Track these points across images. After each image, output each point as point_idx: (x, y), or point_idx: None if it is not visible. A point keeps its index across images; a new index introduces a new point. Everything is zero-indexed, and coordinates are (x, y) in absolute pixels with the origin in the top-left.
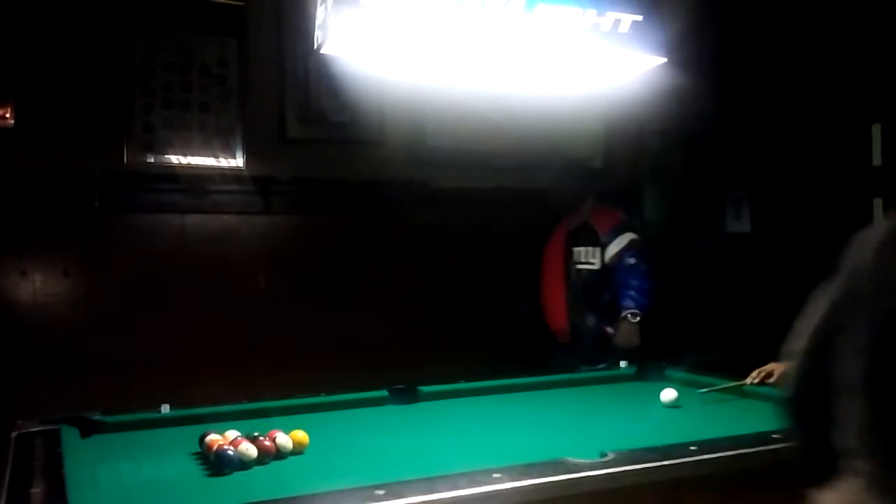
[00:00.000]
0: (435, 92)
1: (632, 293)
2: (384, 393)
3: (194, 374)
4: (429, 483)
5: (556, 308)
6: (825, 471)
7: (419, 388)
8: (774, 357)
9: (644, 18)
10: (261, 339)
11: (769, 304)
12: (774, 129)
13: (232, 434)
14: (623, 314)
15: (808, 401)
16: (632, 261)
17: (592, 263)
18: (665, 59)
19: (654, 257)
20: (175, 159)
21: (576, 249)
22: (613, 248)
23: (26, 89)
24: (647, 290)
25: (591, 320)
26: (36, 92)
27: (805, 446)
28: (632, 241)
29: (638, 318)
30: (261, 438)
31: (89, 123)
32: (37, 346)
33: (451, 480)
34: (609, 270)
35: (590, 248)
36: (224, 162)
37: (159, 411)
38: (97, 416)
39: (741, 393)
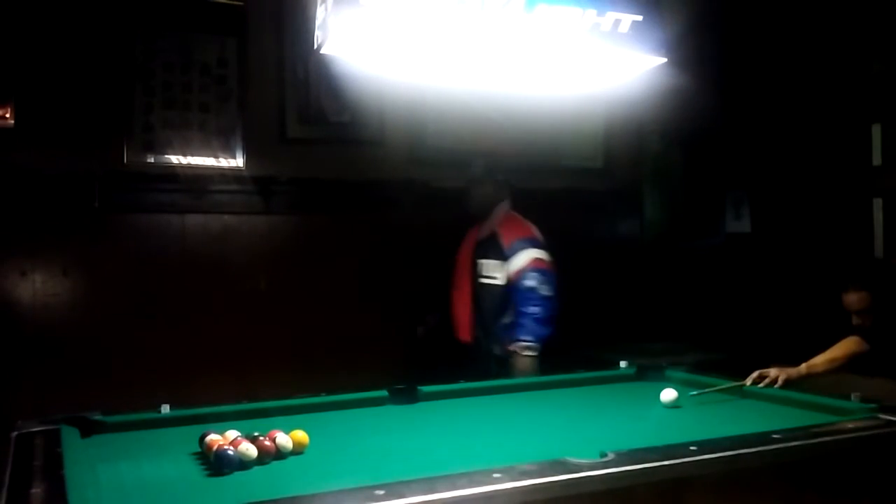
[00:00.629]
0: (435, 92)
1: (526, 322)
2: (384, 393)
3: (194, 374)
4: (429, 483)
5: (462, 321)
6: None
7: (419, 388)
8: (775, 358)
9: (644, 18)
10: (261, 339)
11: (769, 304)
12: (774, 129)
13: (232, 434)
14: (515, 347)
15: None
16: (530, 283)
17: (495, 278)
18: (665, 59)
19: (560, 280)
20: (175, 159)
21: (479, 261)
22: (514, 265)
23: (26, 89)
24: (545, 318)
25: (494, 339)
26: (36, 92)
27: None
28: (534, 261)
29: (532, 353)
30: (261, 438)
31: (89, 123)
32: (37, 346)
33: (451, 480)
34: (511, 289)
35: (493, 262)
36: (224, 162)
37: (159, 411)
38: (97, 416)
39: (741, 393)
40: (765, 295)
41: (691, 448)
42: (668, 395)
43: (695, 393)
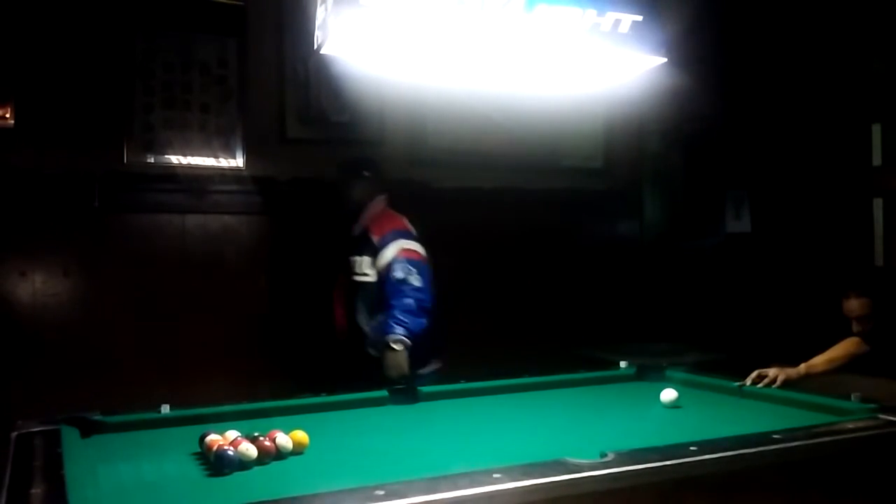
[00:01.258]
0: (435, 92)
1: (397, 315)
2: (384, 393)
3: (194, 374)
4: (429, 483)
5: (340, 322)
6: None
7: (419, 388)
8: (775, 358)
9: (644, 18)
10: (261, 339)
11: (769, 304)
12: (774, 129)
13: (232, 434)
14: (386, 340)
15: None
16: (399, 274)
17: (368, 275)
18: (665, 59)
19: (433, 270)
20: (175, 159)
21: (353, 259)
22: (384, 258)
23: (26, 89)
24: (417, 309)
25: (369, 340)
26: (36, 92)
27: None
28: (404, 251)
29: (402, 346)
30: (261, 438)
31: (89, 123)
32: (37, 346)
33: (452, 480)
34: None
35: (366, 258)
36: (224, 162)
37: (159, 411)
38: (97, 416)
39: (741, 393)
40: (765, 295)
41: (691, 448)
42: (668, 395)
43: (740, 384)
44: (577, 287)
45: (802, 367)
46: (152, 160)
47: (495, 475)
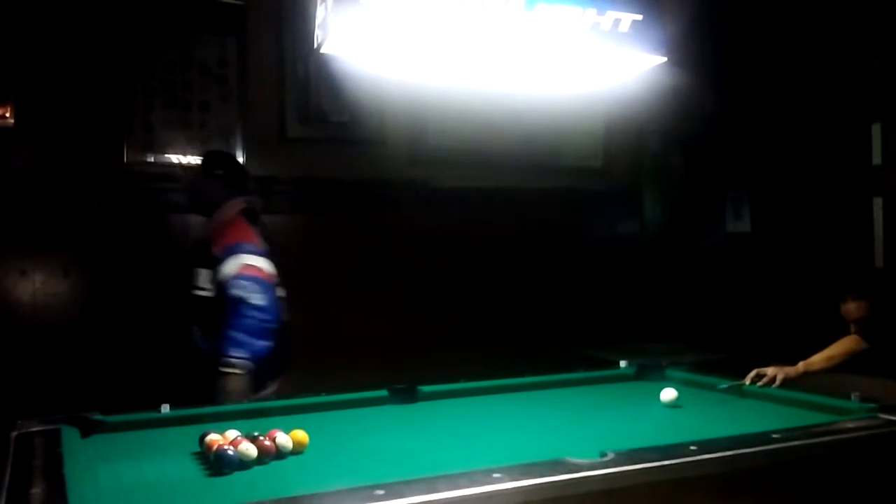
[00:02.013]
0: (435, 92)
1: (236, 336)
2: (384, 393)
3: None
4: (429, 483)
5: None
6: None
7: (419, 388)
8: (775, 358)
9: (644, 18)
10: None
11: (770, 304)
12: (774, 129)
13: (232, 434)
14: (222, 364)
15: None
16: (238, 293)
17: (206, 289)
18: (665, 59)
19: (279, 289)
20: (175, 159)
21: (195, 270)
22: (223, 273)
23: (26, 89)
24: (257, 330)
25: (205, 359)
26: (36, 92)
27: None
28: (244, 267)
29: (241, 371)
30: (261, 438)
31: (89, 123)
32: (37, 346)
33: (452, 480)
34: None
35: (204, 271)
36: None
37: (159, 411)
38: (97, 416)
39: (741, 393)
40: (764, 295)
41: (691, 448)
42: (668, 395)
43: (723, 387)
44: (577, 287)
45: (801, 365)
46: (152, 160)
47: (495, 475)
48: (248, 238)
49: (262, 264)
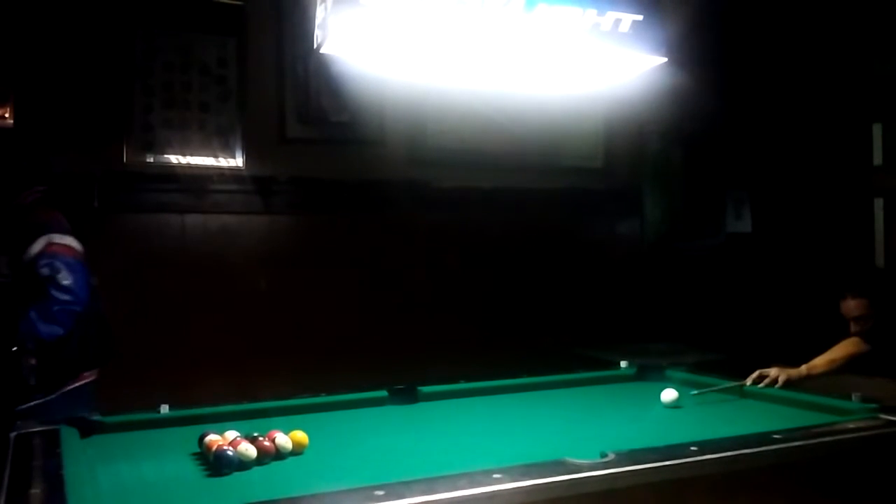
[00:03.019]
0: (435, 92)
1: (34, 315)
2: (384, 393)
3: (194, 374)
4: (429, 483)
5: None
6: None
7: (419, 388)
8: (775, 358)
9: (644, 18)
10: (260, 339)
11: (770, 304)
12: (775, 129)
13: (231, 434)
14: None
15: None
16: (45, 272)
17: (5, 275)
18: (665, 59)
19: (88, 268)
20: (175, 159)
21: None
22: (28, 254)
23: (26, 89)
24: (54, 313)
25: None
26: (36, 92)
27: None
28: (50, 245)
29: (30, 360)
30: (260, 439)
31: (89, 123)
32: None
33: (452, 481)
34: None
35: (3, 257)
36: (224, 162)
37: (159, 411)
38: (97, 417)
39: (741, 393)
40: (765, 295)
41: (691, 448)
42: (668, 395)
43: (695, 392)
44: (578, 287)
45: (804, 368)
46: (152, 160)
47: (495, 475)
48: (55, 219)
49: (73, 243)
